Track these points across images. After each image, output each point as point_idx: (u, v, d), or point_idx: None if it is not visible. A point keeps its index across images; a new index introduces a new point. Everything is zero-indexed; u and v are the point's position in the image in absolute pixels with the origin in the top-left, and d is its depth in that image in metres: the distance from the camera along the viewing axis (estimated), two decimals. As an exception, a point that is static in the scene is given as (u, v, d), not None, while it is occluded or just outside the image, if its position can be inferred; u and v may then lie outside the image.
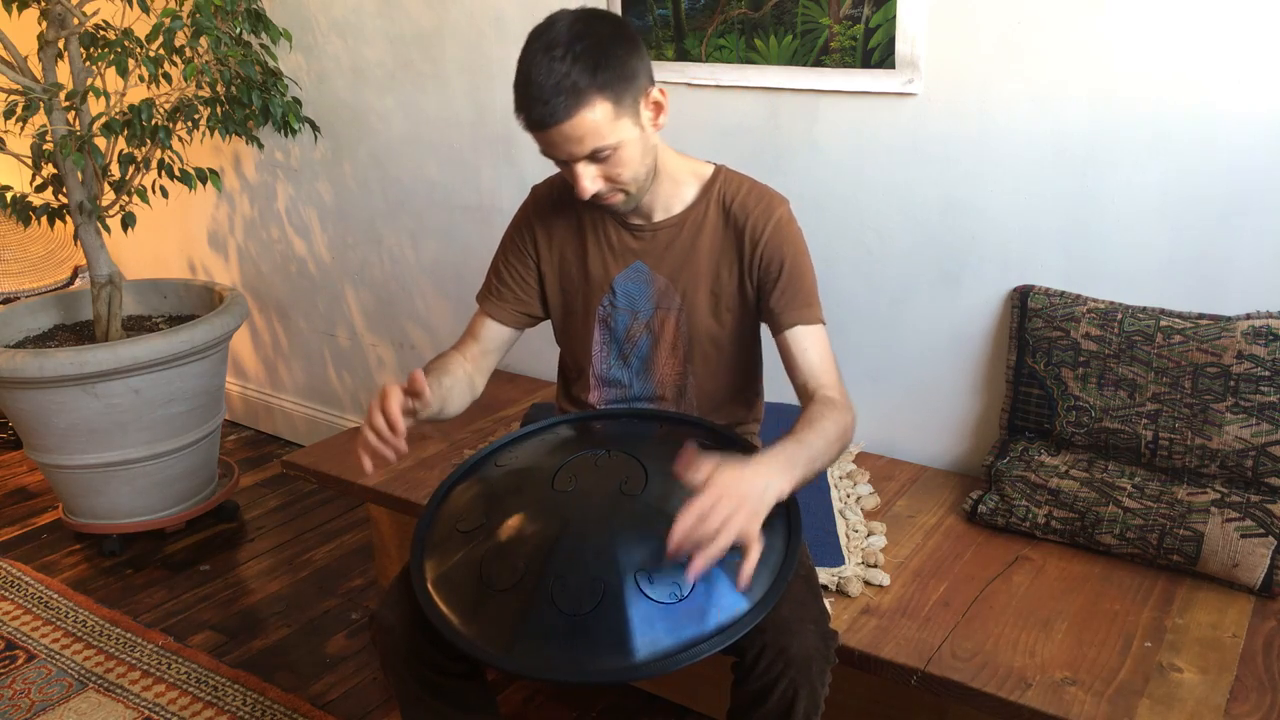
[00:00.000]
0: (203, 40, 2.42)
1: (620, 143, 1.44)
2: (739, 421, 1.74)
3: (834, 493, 1.95)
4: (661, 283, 1.62)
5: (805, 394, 1.52)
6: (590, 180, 1.47)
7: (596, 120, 1.40)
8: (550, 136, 1.42)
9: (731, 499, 1.21)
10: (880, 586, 1.68)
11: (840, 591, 1.66)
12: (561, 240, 1.67)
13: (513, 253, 1.70)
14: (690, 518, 1.20)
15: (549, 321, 1.77)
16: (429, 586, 1.38)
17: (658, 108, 1.49)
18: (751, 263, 1.59)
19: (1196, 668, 1.46)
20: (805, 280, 1.58)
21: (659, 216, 1.61)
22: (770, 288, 1.58)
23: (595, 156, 1.45)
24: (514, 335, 1.73)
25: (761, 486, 1.26)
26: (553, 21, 1.43)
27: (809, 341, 1.56)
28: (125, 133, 2.43)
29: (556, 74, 1.37)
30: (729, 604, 1.28)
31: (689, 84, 2.14)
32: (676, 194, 1.60)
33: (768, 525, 1.41)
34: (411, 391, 1.41)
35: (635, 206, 1.58)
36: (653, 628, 1.24)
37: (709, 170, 1.64)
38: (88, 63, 2.51)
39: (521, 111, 1.43)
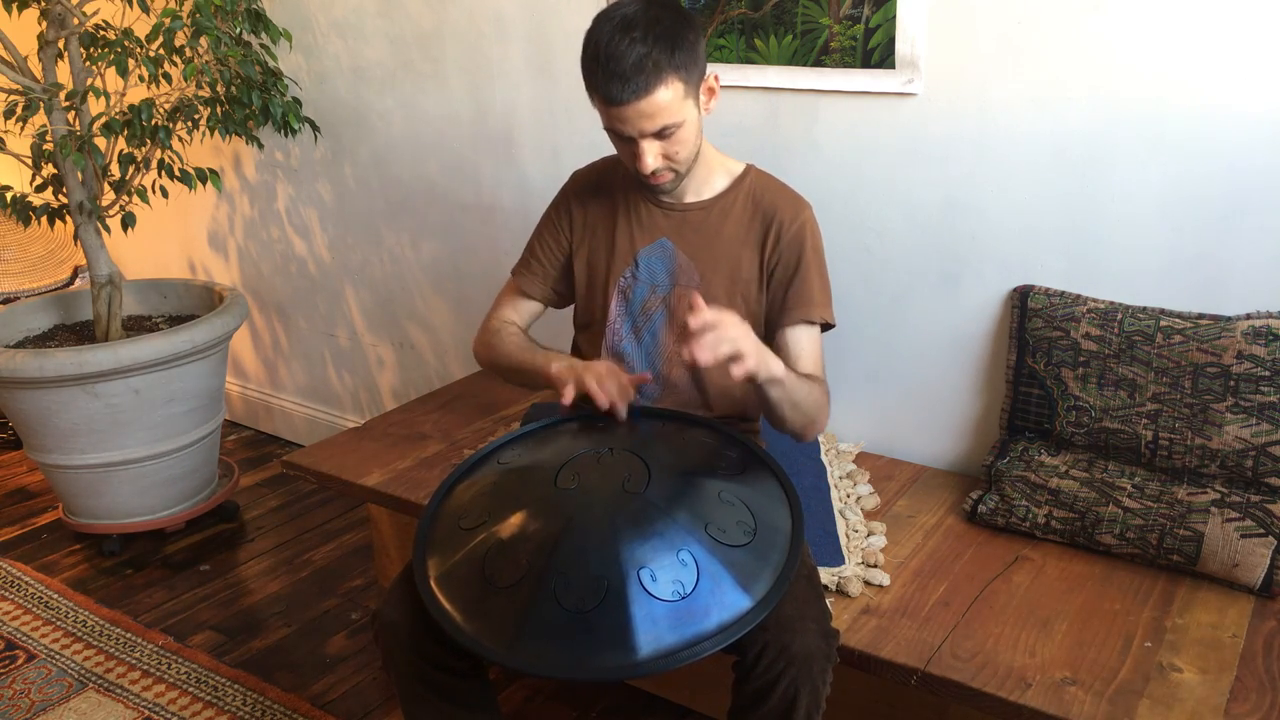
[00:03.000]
0: (203, 40, 2.42)
1: (684, 121, 1.53)
2: (743, 415, 1.75)
3: (834, 493, 1.95)
4: (683, 259, 1.69)
5: None
6: (653, 156, 1.55)
7: (670, 98, 1.49)
8: (625, 112, 1.49)
9: (737, 325, 1.41)
10: (880, 586, 1.68)
11: (840, 591, 1.67)
12: (595, 219, 1.75)
13: (548, 230, 1.80)
14: (708, 313, 1.36)
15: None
16: (431, 584, 1.38)
17: (710, 93, 1.59)
18: (771, 255, 1.67)
19: (1196, 668, 1.46)
20: (814, 281, 1.67)
21: (690, 199, 1.70)
22: (784, 282, 1.66)
23: (661, 134, 1.52)
24: (540, 309, 1.85)
25: (755, 340, 1.44)
26: (621, 4, 1.50)
27: (805, 339, 1.67)
28: (125, 133, 2.43)
29: (637, 53, 1.45)
30: (731, 602, 1.28)
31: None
32: (709, 181, 1.69)
33: (769, 521, 1.41)
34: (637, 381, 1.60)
35: (678, 187, 1.65)
36: (655, 625, 1.25)
37: (740, 167, 1.73)
38: (88, 63, 2.51)
39: (598, 88, 1.49)
